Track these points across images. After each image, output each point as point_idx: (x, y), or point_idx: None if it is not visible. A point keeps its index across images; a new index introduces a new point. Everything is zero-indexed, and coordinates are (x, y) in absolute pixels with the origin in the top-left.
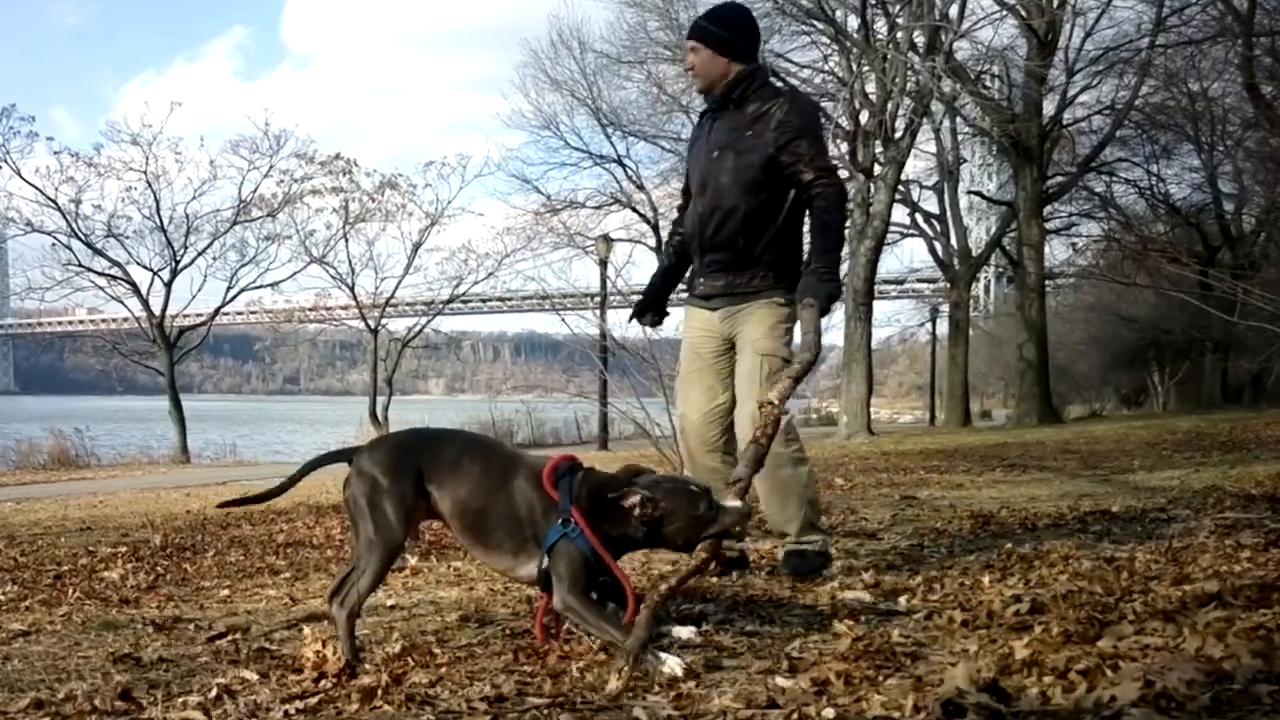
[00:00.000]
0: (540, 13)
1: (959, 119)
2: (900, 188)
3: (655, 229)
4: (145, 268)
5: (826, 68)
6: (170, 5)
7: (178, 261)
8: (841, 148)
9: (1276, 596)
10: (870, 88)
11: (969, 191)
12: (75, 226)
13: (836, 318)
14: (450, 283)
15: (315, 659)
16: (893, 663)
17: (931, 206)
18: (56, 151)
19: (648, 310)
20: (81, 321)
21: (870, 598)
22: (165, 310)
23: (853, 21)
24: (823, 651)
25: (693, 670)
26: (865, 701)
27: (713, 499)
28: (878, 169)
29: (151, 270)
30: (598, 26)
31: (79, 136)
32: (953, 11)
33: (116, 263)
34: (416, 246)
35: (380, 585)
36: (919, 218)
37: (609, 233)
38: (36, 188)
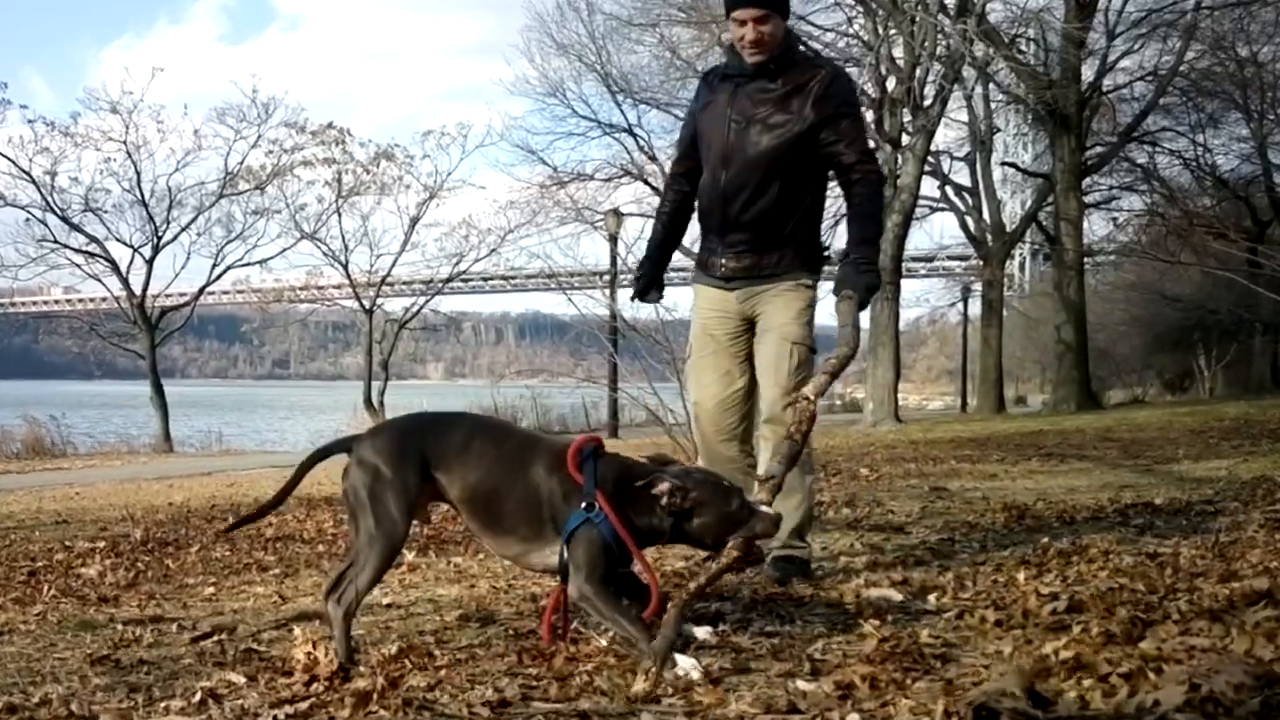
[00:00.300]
0: None
1: (992, 86)
2: (930, 159)
3: None
4: (125, 244)
5: (851, 31)
6: None
7: (160, 237)
8: (867, 116)
9: None
10: (898, 52)
11: (1003, 163)
12: (50, 200)
13: None
14: (450, 260)
15: (306, 661)
16: (921, 665)
17: (963, 179)
18: (30, 120)
19: (651, 287)
20: (57, 301)
21: (898, 596)
22: (146, 289)
23: None
24: (847, 653)
25: (709, 673)
26: (892, 706)
27: (745, 499)
28: (905, 139)
29: (132, 247)
30: None
31: (55, 104)
32: None
33: (94, 239)
34: (414, 221)
35: (379, 583)
36: (949, 191)
37: (619, 207)
38: (9, 159)
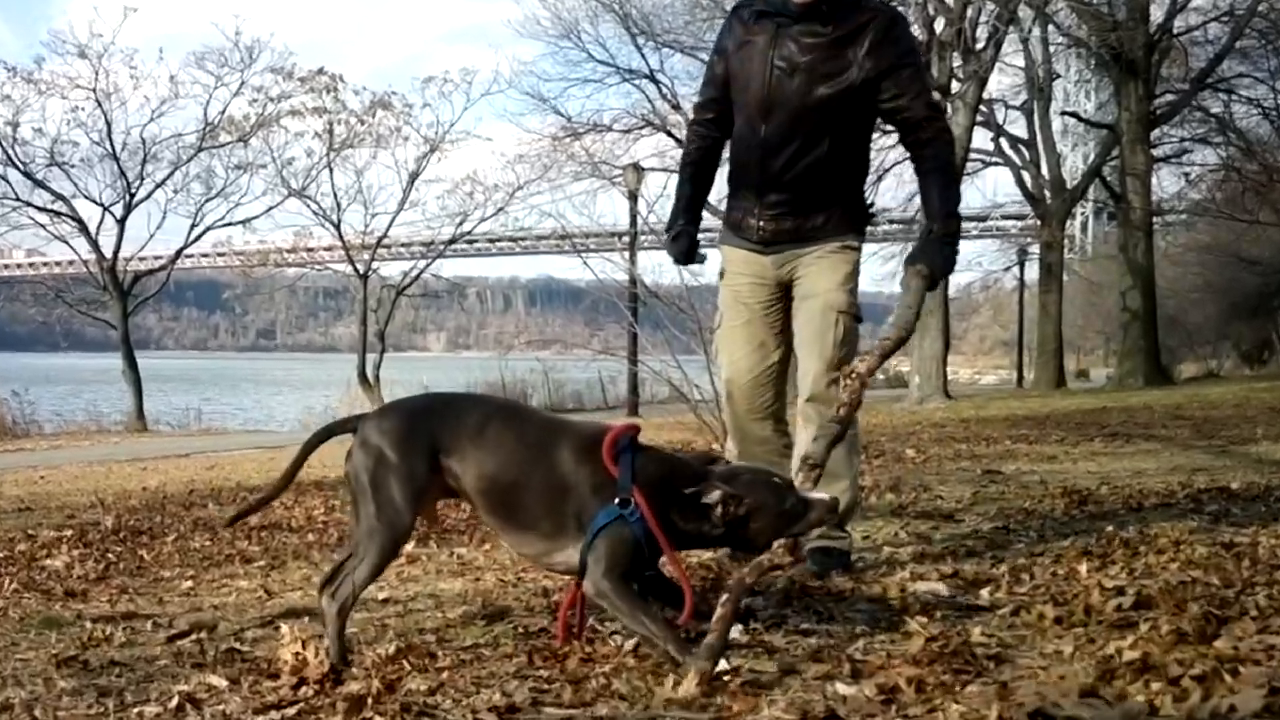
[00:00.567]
0: None
1: (1051, 27)
2: (982, 108)
3: None
4: (94, 202)
5: None
6: None
7: (132, 195)
8: None
9: None
10: None
11: (1063, 112)
12: (12, 153)
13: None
14: (453, 220)
15: (294, 662)
16: (973, 666)
17: (1019, 130)
18: None
19: (695, 246)
20: (19, 266)
21: (947, 590)
22: (118, 252)
23: None
24: (891, 654)
25: (739, 675)
26: (941, 712)
27: (797, 493)
28: (955, 86)
29: (102, 205)
30: None
31: (16, 48)
32: None
33: (61, 196)
34: (413, 177)
35: (379, 576)
36: (1004, 143)
37: (639, 161)
38: None
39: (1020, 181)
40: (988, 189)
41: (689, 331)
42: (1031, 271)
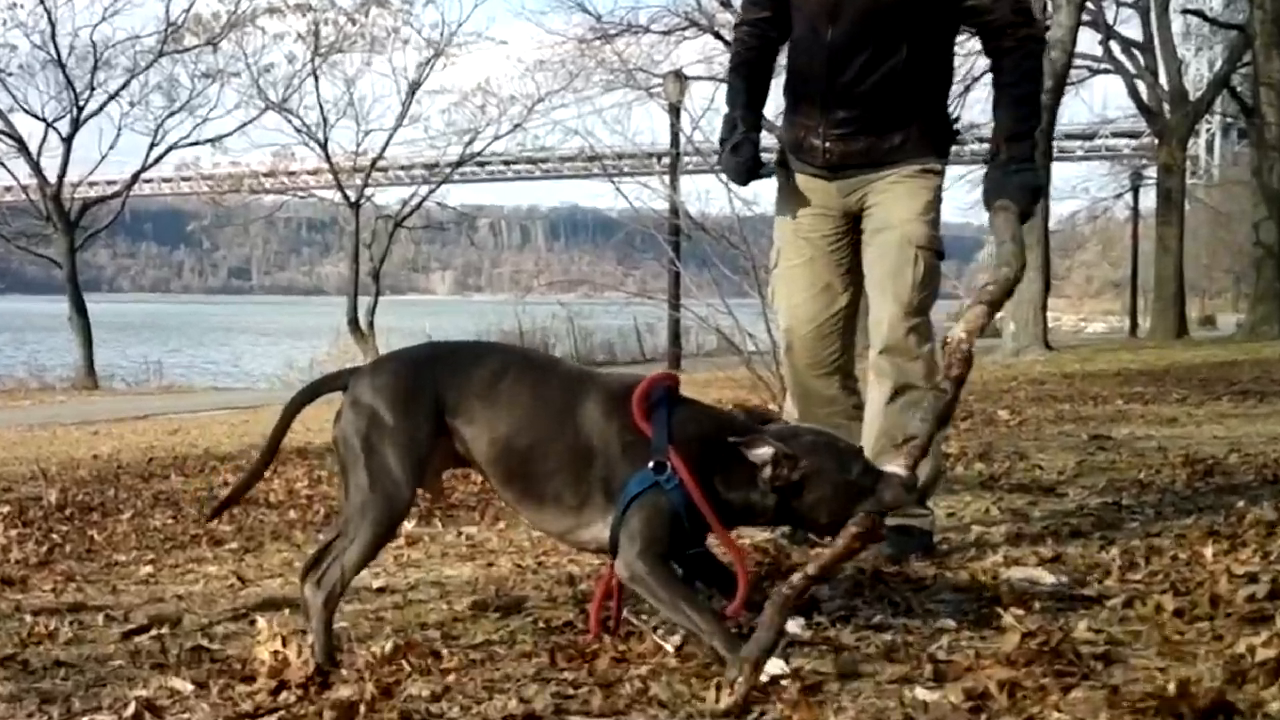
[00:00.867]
0: None
1: None
2: (1089, 5)
3: None
4: (35, 117)
5: None
6: None
7: (80, 108)
8: None
9: None
10: None
11: (1184, 11)
12: None
13: None
14: (461, 139)
15: (273, 662)
16: (1078, 668)
17: (1133, 32)
18: None
19: (759, 162)
20: None
21: (1048, 577)
22: (63, 176)
23: None
24: (980, 653)
25: (801, 678)
26: None
27: (868, 463)
28: None
29: (44, 120)
30: None
31: None
32: None
33: None
34: (414, 88)
35: (373, 560)
36: (1115, 47)
37: (682, 68)
38: None
39: (1134, 92)
40: (1095, 101)
41: (741, 271)
42: (1147, 199)
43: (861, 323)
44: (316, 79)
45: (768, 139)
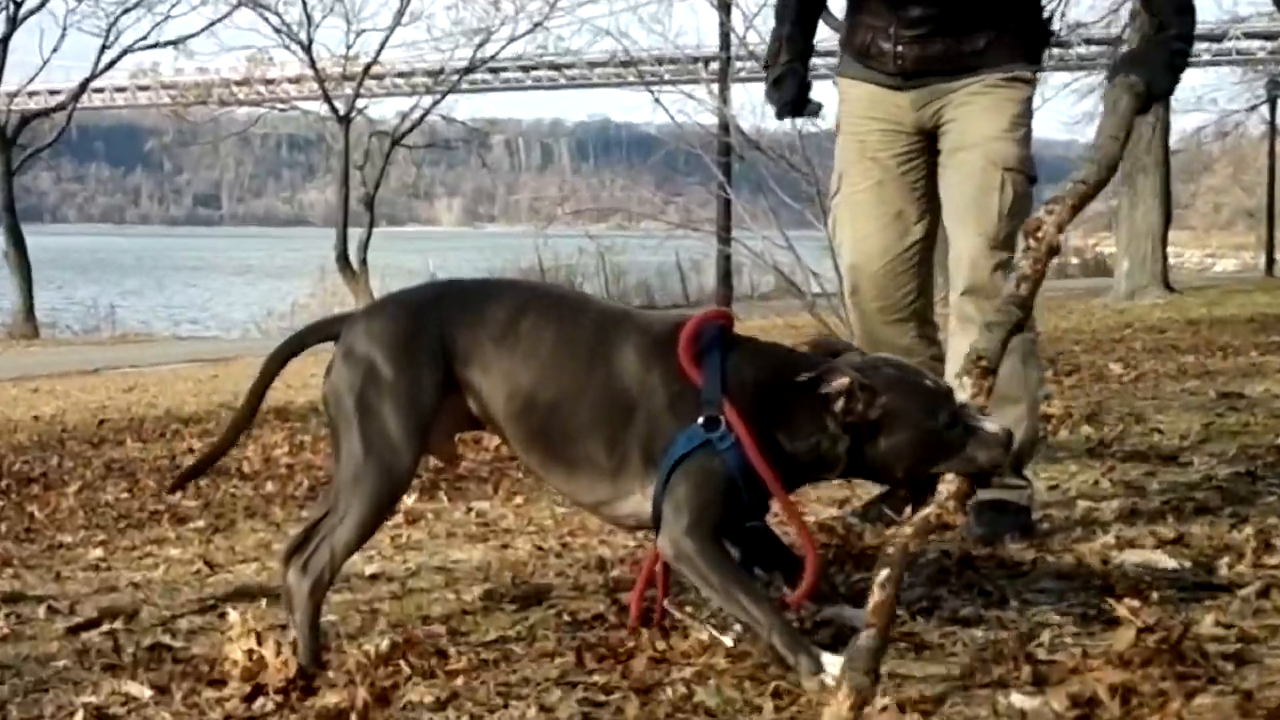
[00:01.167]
0: None
1: None
2: None
3: None
4: None
5: None
6: None
7: (18, 4)
8: None
9: None
10: None
11: None
12: None
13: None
14: (470, 40)
15: (247, 663)
16: (1204, 669)
17: None
18: None
19: (803, 93)
20: None
21: (1169, 562)
22: None
23: None
24: (1088, 651)
25: (874, 679)
26: None
27: (960, 411)
28: None
29: None
30: None
31: None
32: None
33: None
34: None
35: (367, 541)
36: None
37: None
38: None
39: None
40: None
41: (804, 198)
42: None
43: (940, 259)
44: None
45: (829, 36)
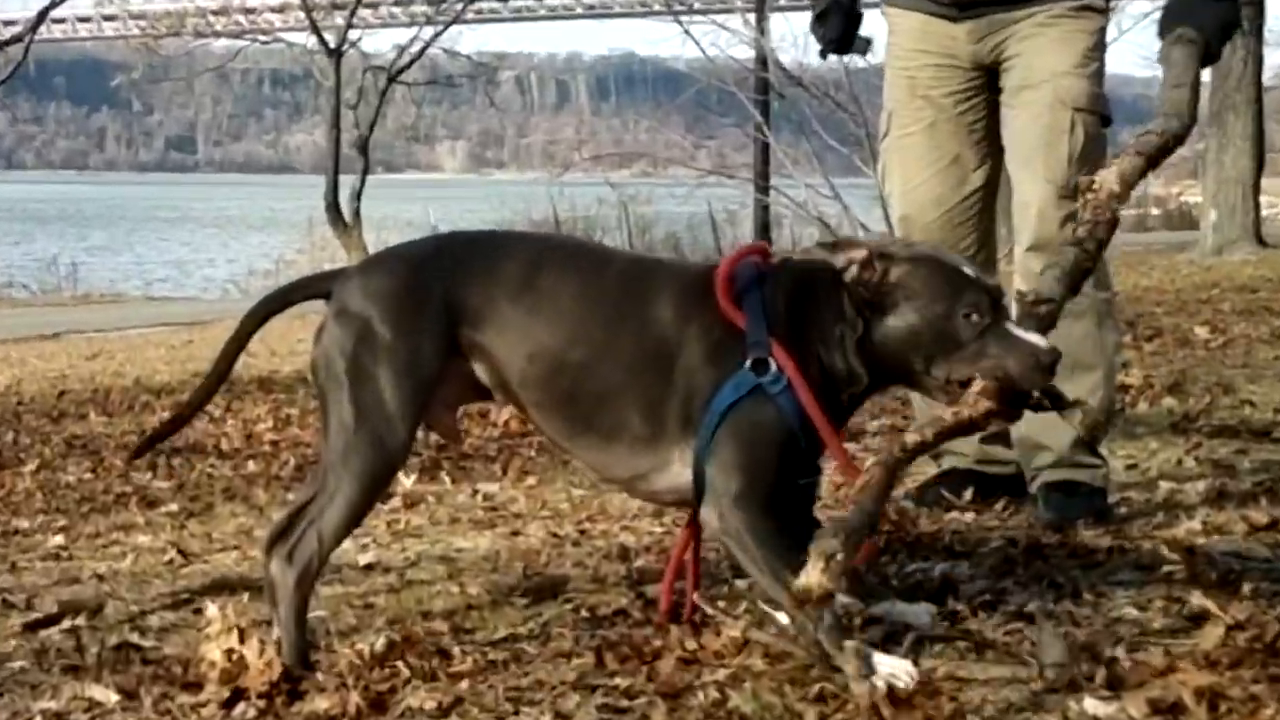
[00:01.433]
0: None
1: None
2: None
3: None
4: None
5: None
6: None
7: None
8: None
9: None
10: None
11: None
12: None
13: None
14: None
15: (225, 665)
16: None
17: None
18: None
19: (851, 28)
20: None
21: (1261, 550)
22: None
23: None
24: (1171, 651)
25: (932, 684)
26: None
27: (999, 308)
28: None
29: None
30: None
31: None
32: None
33: None
34: None
35: (358, 525)
36: None
37: None
38: None
39: None
40: None
41: (851, 141)
42: None
43: (1004, 209)
44: None
45: None
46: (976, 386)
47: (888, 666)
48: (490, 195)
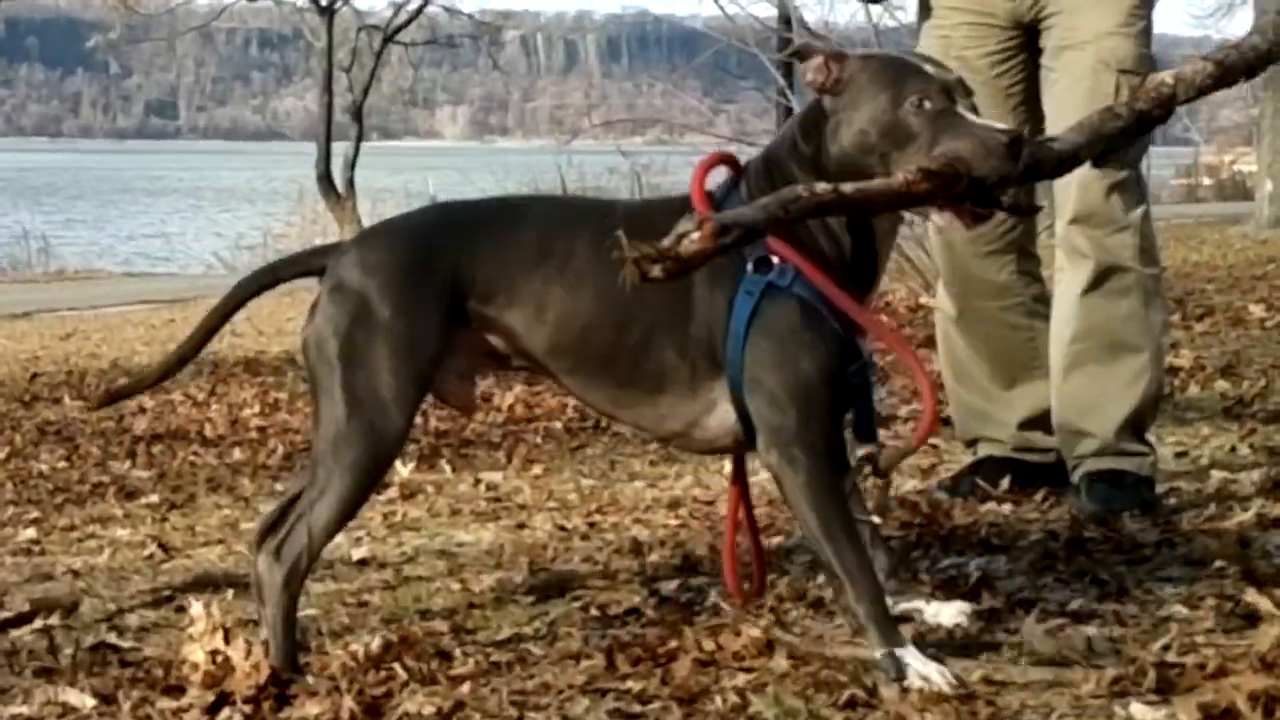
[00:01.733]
0: None
1: None
2: None
3: None
4: None
5: None
6: None
7: None
8: None
9: None
10: None
11: None
12: None
13: None
14: None
15: (209, 667)
16: None
17: None
18: None
19: None
20: None
21: None
22: None
23: None
24: (1223, 652)
25: (967, 687)
26: None
27: (946, 89)
28: None
29: None
30: None
31: None
32: None
33: None
34: None
35: (352, 519)
36: None
37: None
38: None
39: None
40: None
41: None
42: None
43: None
44: None
45: None
46: (924, 161)
47: (921, 669)
48: (494, 164)
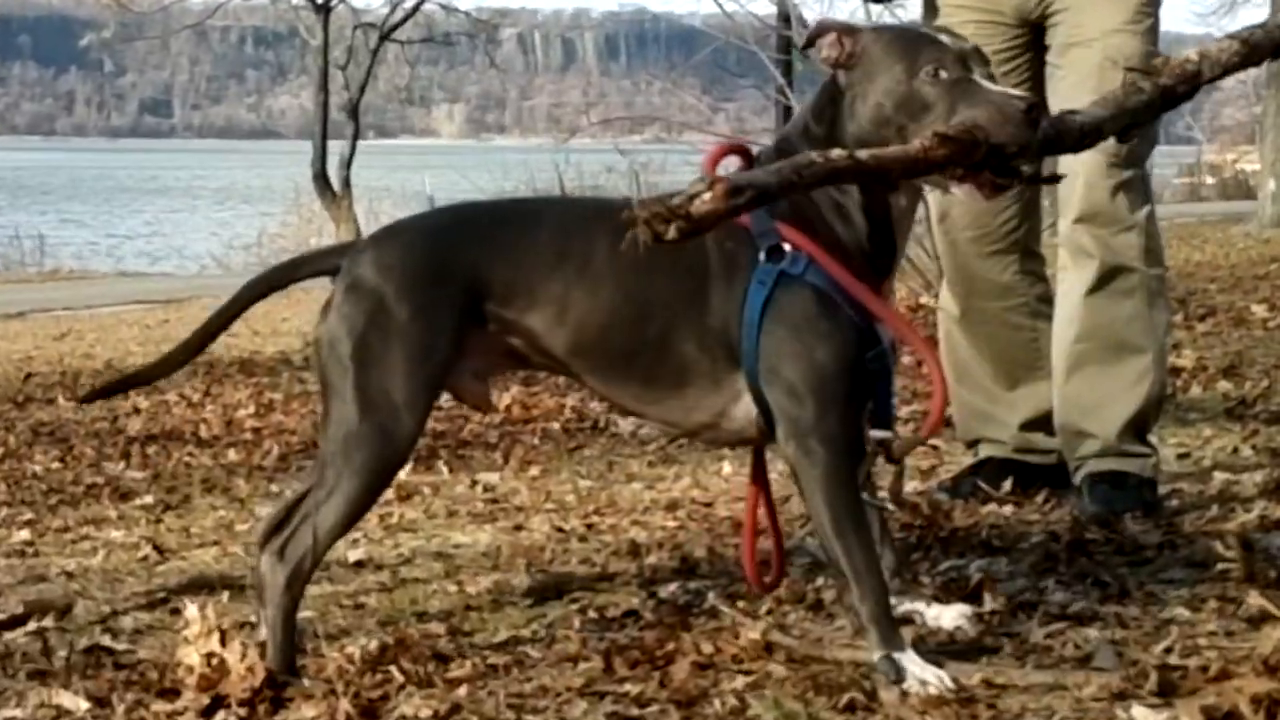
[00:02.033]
0: None
1: None
2: None
3: None
4: None
5: None
6: None
7: None
8: None
9: None
10: None
11: None
12: None
13: None
14: None
15: (205, 669)
16: None
17: None
18: None
19: None
20: None
21: None
22: None
23: None
24: (1226, 654)
25: (967, 691)
26: None
27: (961, 58)
28: None
29: None
30: None
31: None
32: None
33: None
34: None
35: (357, 522)
36: None
37: None
38: None
39: None
40: None
41: None
42: None
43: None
44: None
45: None
46: (941, 127)
47: (919, 673)
48: (490, 163)
